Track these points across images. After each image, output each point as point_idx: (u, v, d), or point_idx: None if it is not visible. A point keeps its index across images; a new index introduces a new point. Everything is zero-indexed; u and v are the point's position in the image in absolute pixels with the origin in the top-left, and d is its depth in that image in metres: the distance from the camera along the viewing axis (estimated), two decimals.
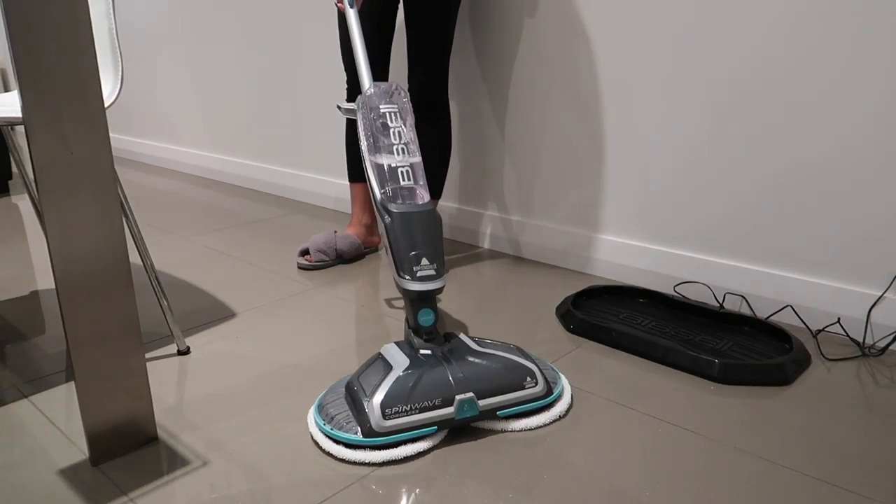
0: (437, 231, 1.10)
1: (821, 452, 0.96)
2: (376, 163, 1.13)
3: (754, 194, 1.39)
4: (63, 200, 0.83)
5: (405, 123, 1.18)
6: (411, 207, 1.10)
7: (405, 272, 1.06)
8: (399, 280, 1.07)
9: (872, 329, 1.28)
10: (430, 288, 1.06)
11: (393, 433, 0.94)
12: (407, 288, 1.06)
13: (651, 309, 1.44)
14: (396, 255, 1.07)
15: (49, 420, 1.03)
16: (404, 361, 1.01)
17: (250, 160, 2.68)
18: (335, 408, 1.00)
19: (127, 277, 0.90)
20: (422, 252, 1.07)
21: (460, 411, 0.98)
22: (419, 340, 1.07)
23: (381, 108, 1.17)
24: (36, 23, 0.78)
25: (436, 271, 1.07)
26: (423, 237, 1.08)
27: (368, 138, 1.15)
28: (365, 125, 1.16)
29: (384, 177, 1.12)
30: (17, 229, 2.09)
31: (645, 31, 1.47)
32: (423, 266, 1.07)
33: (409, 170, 1.14)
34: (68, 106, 0.81)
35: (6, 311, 1.45)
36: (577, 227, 1.70)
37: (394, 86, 1.20)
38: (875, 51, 1.19)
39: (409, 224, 1.08)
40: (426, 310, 1.07)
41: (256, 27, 2.44)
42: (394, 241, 1.07)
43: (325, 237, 1.76)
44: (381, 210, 1.10)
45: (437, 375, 0.99)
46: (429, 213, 1.10)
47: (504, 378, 1.02)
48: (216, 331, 1.36)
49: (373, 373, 1.01)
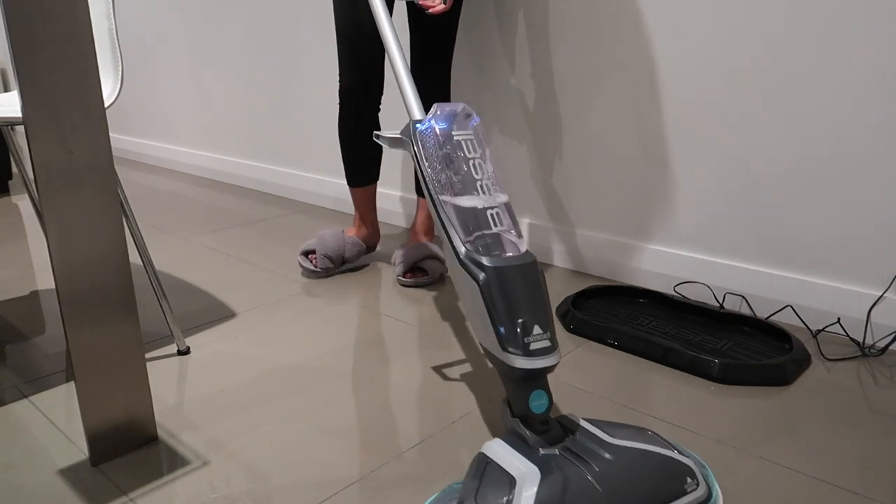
0: (543, 288, 0.89)
1: (821, 452, 0.96)
2: (456, 205, 0.92)
3: (754, 194, 1.39)
4: (63, 200, 0.83)
5: (485, 154, 0.98)
6: (510, 261, 0.87)
7: (512, 345, 0.83)
8: (503, 356, 0.84)
9: (872, 329, 1.28)
10: (548, 364, 0.84)
11: None
12: (517, 366, 0.82)
13: (651, 309, 1.44)
14: (498, 324, 0.84)
15: (49, 420, 1.03)
16: (531, 471, 0.75)
17: (250, 160, 2.68)
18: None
19: (127, 277, 0.90)
20: (531, 318, 0.85)
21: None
22: (533, 435, 0.82)
23: (455, 136, 0.97)
24: (36, 23, 0.78)
25: (550, 341, 0.85)
26: (530, 298, 0.86)
27: (439, 175, 0.95)
28: (431, 158, 0.96)
29: (469, 223, 0.91)
30: (17, 229, 2.09)
31: (646, 30, 1.47)
32: (535, 336, 0.84)
33: (500, 212, 0.93)
34: (68, 106, 0.81)
35: (6, 311, 1.45)
36: (577, 228, 1.70)
37: (461, 107, 1.00)
38: (876, 52, 1.19)
39: (512, 283, 0.86)
40: (539, 392, 0.84)
41: (256, 27, 2.44)
42: (492, 307, 0.85)
43: (334, 241, 1.66)
44: (467, 265, 0.88)
45: (581, 489, 0.74)
46: (532, 267, 0.88)
47: (662, 484, 0.78)
48: (216, 331, 1.36)
49: (493, 490, 0.74)
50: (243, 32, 2.50)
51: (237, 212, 2.32)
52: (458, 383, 1.15)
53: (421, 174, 0.97)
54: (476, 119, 1.00)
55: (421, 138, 0.98)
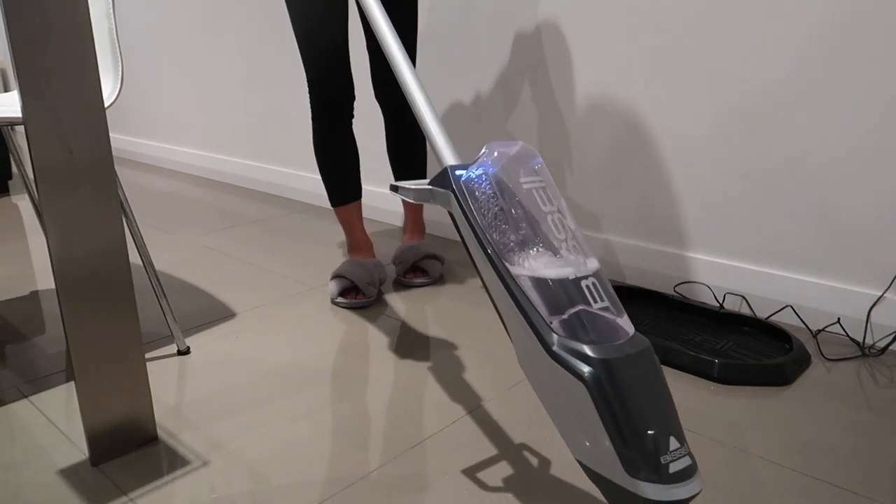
0: (666, 385, 0.67)
1: (821, 452, 0.96)
2: (537, 277, 0.69)
3: (754, 194, 1.39)
4: (63, 200, 0.83)
5: (563, 206, 0.76)
6: (622, 349, 0.65)
7: (645, 469, 0.61)
8: (634, 485, 0.61)
9: (872, 329, 1.28)
10: (694, 493, 0.62)
11: None
12: (653, 498, 0.60)
13: (651, 309, 1.44)
14: (623, 440, 0.62)
15: (49, 420, 1.03)
16: None
17: (250, 160, 2.68)
18: None
19: (127, 277, 0.90)
20: (664, 429, 0.63)
21: None
22: None
23: (525, 184, 0.74)
24: (36, 23, 0.78)
25: (690, 458, 0.64)
26: (654, 400, 0.64)
27: (504, 237, 0.72)
28: (485, 216, 0.73)
29: (558, 299, 0.68)
30: (17, 229, 2.09)
31: (646, 29, 1.47)
32: (672, 454, 0.62)
33: (596, 283, 0.70)
34: (68, 106, 0.81)
35: (6, 311, 1.45)
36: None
37: (519, 146, 0.78)
38: (875, 52, 1.19)
39: (630, 380, 0.64)
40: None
41: (256, 27, 2.44)
42: (613, 415, 0.62)
43: (364, 269, 1.49)
44: (563, 358, 0.65)
45: None
46: (649, 356, 0.67)
47: None
48: (216, 331, 1.36)
49: None
50: (243, 32, 2.50)
51: (237, 212, 2.32)
52: (459, 383, 1.15)
53: (473, 237, 0.73)
54: (539, 160, 0.78)
55: (467, 189, 0.75)
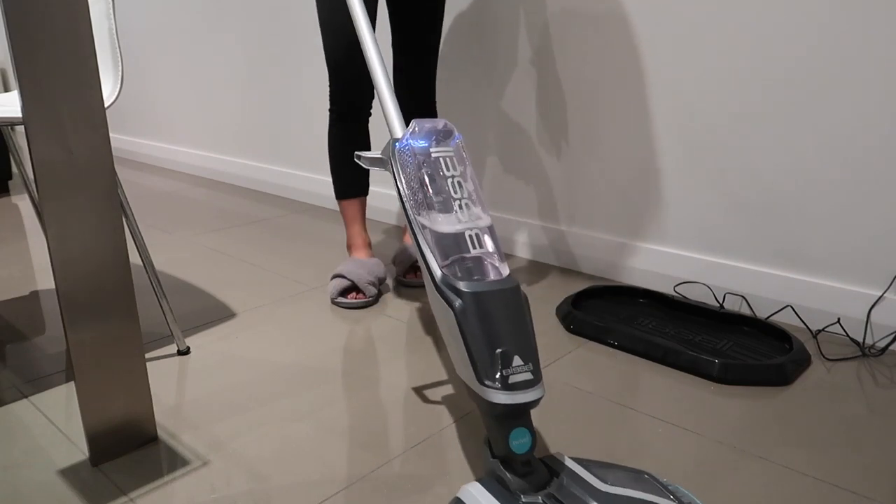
0: (526, 317, 0.81)
1: (821, 452, 0.96)
2: (432, 228, 0.86)
3: (754, 194, 1.39)
4: (63, 200, 0.83)
5: (466, 172, 0.91)
6: (490, 285, 0.80)
7: (489, 378, 0.76)
8: (479, 389, 0.77)
9: (872, 329, 1.28)
10: (528, 400, 0.76)
11: None
12: (493, 401, 0.75)
13: (651, 309, 1.44)
14: (475, 354, 0.77)
15: (49, 420, 1.03)
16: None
17: (250, 160, 2.68)
18: None
19: (127, 277, 0.90)
20: (511, 348, 0.77)
21: None
22: (515, 478, 0.75)
23: (434, 153, 0.90)
24: (36, 23, 0.78)
25: (532, 373, 0.77)
26: (509, 327, 0.79)
27: (416, 193, 0.89)
28: (408, 177, 0.90)
29: (446, 245, 0.84)
30: (17, 229, 2.09)
31: (647, 29, 1.47)
32: (515, 368, 0.77)
33: (479, 233, 0.86)
34: (68, 106, 0.81)
35: (6, 311, 1.45)
36: (577, 228, 1.70)
37: (440, 123, 0.94)
38: (875, 52, 1.19)
39: (491, 309, 0.79)
40: (521, 430, 0.76)
41: (256, 27, 2.44)
42: (469, 335, 0.78)
43: (365, 269, 1.51)
44: (444, 291, 0.81)
45: None
46: (513, 293, 0.81)
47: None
48: (216, 331, 1.36)
49: None
50: (243, 32, 2.50)
51: (237, 212, 2.32)
52: (459, 383, 1.15)
53: (399, 195, 0.92)
54: (458, 137, 0.95)
55: (399, 157, 0.91)
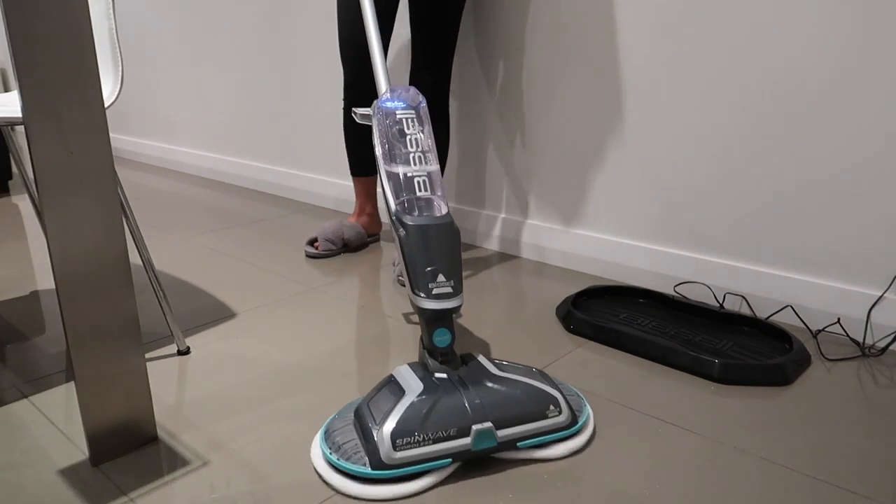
0: (454, 245, 1.03)
1: (821, 452, 0.96)
2: (391, 172, 1.07)
3: (754, 194, 1.39)
4: (63, 200, 0.83)
5: (423, 130, 1.12)
6: (428, 220, 1.03)
7: (420, 289, 0.99)
8: (413, 297, 1.00)
9: (872, 329, 1.28)
10: (446, 307, 0.98)
11: (404, 465, 0.87)
12: (421, 306, 0.99)
13: (651, 309, 1.44)
14: (411, 271, 1.00)
15: (49, 420, 1.03)
16: (417, 386, 0.93)
17: (250, 160, 2.68)
18: (343, 435, 0.92)
19: (127, 277, 0.90)
20: (438, 268, 1.00)
21: (477, 442, 0.90)
22: (434, 363, 0.99)
23: (398, 115, 1.11)
24: (36, 23, 0.78)
25: (452, 288, 0.99)
26: (439, 252, 1.01)
27: (384, 145, 1.09)
28: (380, 132, 1.10)
29: (399, 187, 1.06)
30: (17, 229, 2.09)
31: (651, 29, 1.47)
32: (439, 283, 0.99)
33: (426, 179, 1.08)
34: (68, 106, 0.81)
35: (6, 311, 1.45)
36: (577, 227, 1.70)
37: (411, 90, 1.14)
38: (875, 52, 1.19)
39: (426, 238, 1.01)
40: (442, 329, 0.99)
41: (256, 27, 2.44)
42: (409, 256, 1.00)
43: (333, 226, 1.81)
44: (395, 223, 1.04)
45: (452, 402, 0.91)
46: (446, 227, 1.03)
47: (525, 406, 0.93)
48: (216, 331, 1.36)
49: (384, 398, 0.93)
50: (243, 32, 2.50)
51: (237, 212, 2.32)
52: None
53: (375, 143, 1.11)
54: (423, 101, 1.15)
55: (377, 114, 1.12)
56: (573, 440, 0.96)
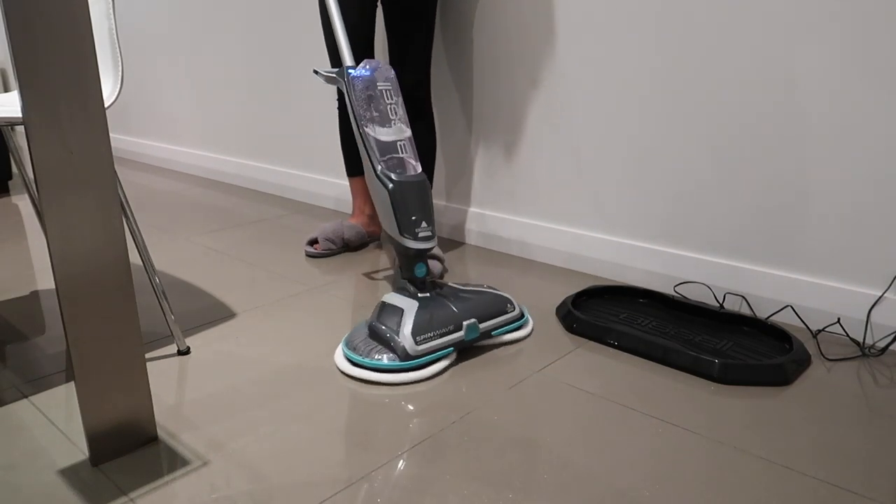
0: (430, 198, 1.31)
1: (821, 452, 0.96)
2: (375, 137, 1.28)
3: (755, 194, 1.39)
4: (63, 200, 0.83)
5: (398, 101, 1.33)
6: (409, 178, 1.28)
7: (408, 233, 1.26)
8: (401, 240, 1.26)
9: (872, 329, 1.28)
10: (429, 246, 1.29)
11: (423, 355, 1.16)
12: (409, 246, 1.26)
13: (651, 309, 1.44)
14: (400, 219, 1.26)
15: (49, 420, 1.03)
16: (413, 303, 1.21)
17: (250, 160, 2.68)
18: (365, 344, 1.18)
19: (127, 277, 0.90)
20: (421, 216, 1.28)
21: (468, 333, 1.22)
22: (414, 288, 1.27)
23: (379, 86, 1.31)
24: (36, 23, 0.78)
25: (432, 233, 1.29)
26: (421, 203, 1.28)
27: (364, 111, 1.29)
28: (358, 98, 1.29)
29: (384, 149, 1.28)
30: (17, 229, 2.09)
31: (655, 28, 1.47)
32: (422, 228, 1.28)
33: (406, 143, 1.31)
34: (68, 106, 0.81)
35: (6, 311, 1.45)
36: (577, 227, 1.70)
37: (382, 63, 1.34)
38: (876, 53, 1.19)
39: (410, 192, 1.27)
40: (421, 264, 1.28)
41: (256, 27, 2.44)
42: (397, 207, 1.26)
43: (333, 226, 1.83)
44: (382, 179, 1.26)
45: (445, 309, 1.22)
46: (424, 182, 1.30)
47: (493, 306, 1.28)
48: (216, 331, 1.36)
49: (388, 315, 1.20)
50: (243, 32, 2.50)
51: (237, 212, 2.32)
52: (458, 383, 1.15)
53: (350, 108, 1.31)
54: (392, 73, 1.35)
55: (353, 82, 1.31)
56: (524, 329, 1.33)
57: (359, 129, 1.29)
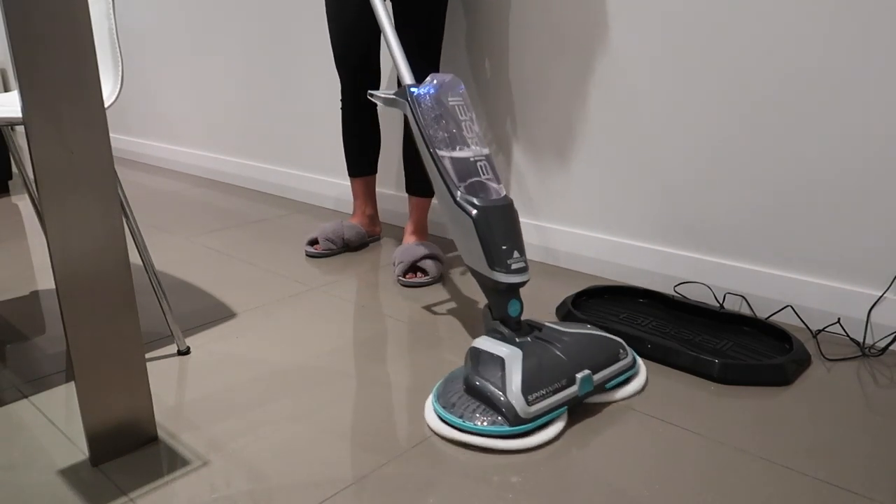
0: (519, 224, 1.14)
1: (821, 452, 0.96)
2: (452, 157, 1.14)
3: (755, 194, 1.39)
4: (63, 200, 0.83)
5: (472, 116, 1.20)
6: (496, 202, 1.12)
7: (499, 266, 1.08)
8: (492, 274, 1.09)
9: (872, 329, 1.28)
10: (525, 279, 1.10)
11: (537, 418, 0.97)
12: (502, 281, 1.08)
13: (651, 309, 1.44)
14: (488, 250, 1.09)
15: (49, 420, 1.03)
16: (515, 351, 1.02)
17: (250, 160, 2.68)
18: (464, 403, 1.00)
19: (127, 277, 0.90)
20: (513, 245, 1.11)
21: (582, 387, 1.02)
22: (510, 331, 1.09)
23: (451, 101, 1.19)
24: (36, 23, 0.78)
25: (525, 263, 1.12)
26: (510, 230, 1.11)
27: (436, 132, 1.15)
28: (426, 118, 1.16)
29: (462, 172, 1.13)
30: (17, 229, 2.09)
31: (650, 27, 1.47)
32: (515, 259, 1.10)
33: (486, 163, 1.16)
34: (68, 106, 0.81)
35: (6, 311, 1.45)
36: (577, 227, 1.70)
37: (450, 77, 1.21)
38: (875, 52, 1.19)
39: (497, 218, 1.10)
40: (515, 300, 1.10)
41: (256, 27, 2.44)
42: (484, 236, 1.09)
43: (333, 226, 1.82)
44: (462, 206, 1.10)
45: (552, 358, 1.03)
46: (511, 207, 1.13)
47: (605, 352, 1.09)
48: (216, 331, 1.36)
49: (488, 366, 1.01)
50: (243, 32, 2.50)
51: (237, 212, 2.32)
52: None
53: (418, 130, 1.17)
54: (462, 87, 1.22)
55: (418, 101, 1.18)
56: (637, 379, 1.12)
57: (430, 152, 1.15)
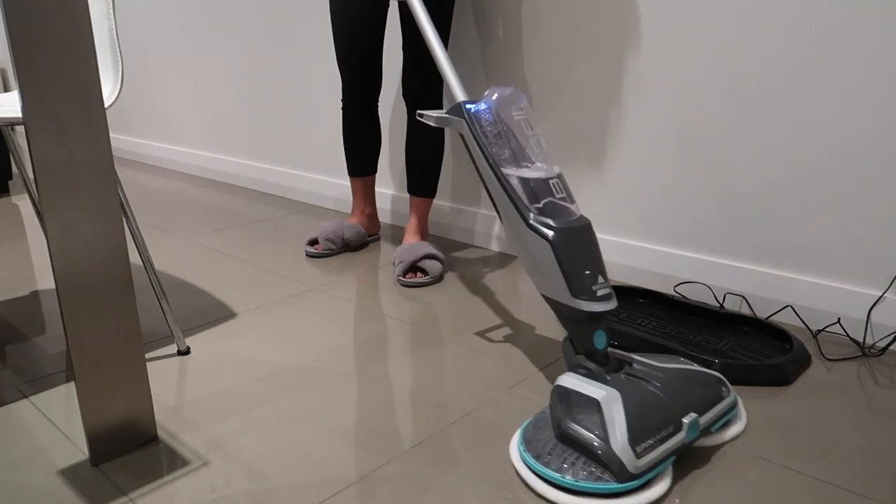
0: (599, 247, 1.03)
1: (821, 452, 0.96)
2: (522, 177, 1.03)
3: (755, 194, 1.39)
4: (63, 200, 0.83)
5: (539, 132, 1.11)
6: (574, 222, 1.01)
7: (582, 293, 0.97)
8: (574, 303, 0.97)
9: (872, 329, 1.28)
10: (611, 307, 0.98)
11: (646, 472, 0.84)
12: (586, 310, 0.96)
13: (651, 309, 1.44)
14: (570, 276, 0.97)
15: (49, 420, 1.03)
16: (612, 392, 0.88)
17: (250, 160, 2.68)
18: (558, 453, 0.87)
19: (127, 277, 0.90)
20: (596, 270, 0.99)
21: (689, 434, 0.89)
22: (598, 367, 0.96)
23: (515, 116, 1.09)
24: (36, 23, 0.78)
25: (610, 289, 0.99)
26: (593, 254, 1.00)
27: (501, 150, 1.06)
28: (488, 136, 1.06)
29: (534, 192, 1.02)
30: (17, 229, 2.09)
31: (646, 27, 1.47)
32: (600, 285, 0.98)
33: (559, 182, 1.05)
34: (68, 106, 0.81)
35: (6, 311, 1.45)
36: None
37: (511, 90, 1.12)
38: (875, 50, 1.19)
39: (579, 240, 0.99)
40: (601, 331, 0.98)
41: (256, 27, 2.44)
42: (563, 262, 0.97)
43: (333, 226, 1.82)
44: (537, 228, 1.00)
45: (654, 400, 0.90)
46: (590, 228, 1.02)
47: (707, 392, 0.96)
48: (216, 331, 1.36)
49: (582, 411, 0.88)
50: (243, 32, 2.50)
51: (237, 212, 2.32)
52: (458, 383, 1.15)
53: (479, 149, 1.07)
54: (524, 99, 1.12)
55: (477, 118, 1.08)
56: (741, 419, 1.02)
57: (495, 172, 1.05)
